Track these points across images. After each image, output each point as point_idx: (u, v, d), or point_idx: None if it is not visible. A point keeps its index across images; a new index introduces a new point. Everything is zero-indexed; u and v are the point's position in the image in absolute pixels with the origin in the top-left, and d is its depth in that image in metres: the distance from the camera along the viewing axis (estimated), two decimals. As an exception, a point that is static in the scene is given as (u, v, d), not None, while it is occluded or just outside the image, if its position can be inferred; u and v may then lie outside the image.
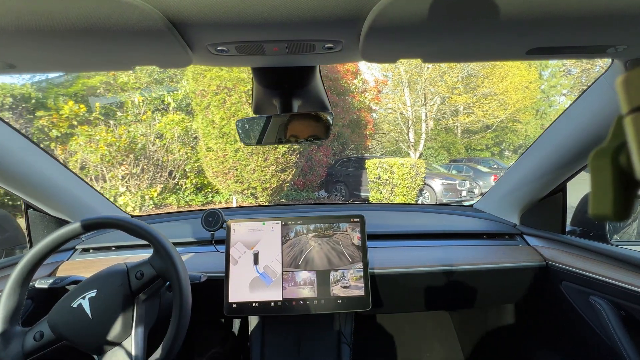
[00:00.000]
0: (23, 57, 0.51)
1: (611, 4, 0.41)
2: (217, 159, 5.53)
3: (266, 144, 0.82)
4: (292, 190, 7.64)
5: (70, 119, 5.94)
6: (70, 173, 1.11)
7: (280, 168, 5.79)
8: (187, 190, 6.70)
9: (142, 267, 0.76)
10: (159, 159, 6.22)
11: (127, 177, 5.77)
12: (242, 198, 6.11)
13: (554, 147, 0.98)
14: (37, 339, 0.72)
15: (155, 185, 6.09)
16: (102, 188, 5.67)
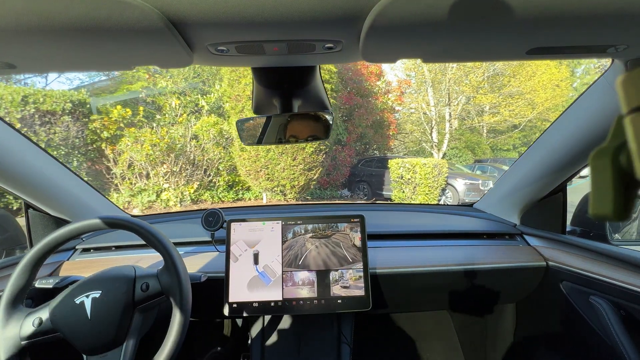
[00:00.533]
0: (23, 57, 0.51)
1: (611, 4, 0.41)
2: (250, 158, 5.98)
3: (266, 143, 0.82)
4: (317, 189, 7.97)
5: (118, 121, 6.58)
6: (71, 173, 1.11)
7: (307, 167, 6.16)
8: (220, 188, 7.19)
9: (149, 280, 0.76)
10: (194, 158, 6.75)
11: (167, 175, 6.33)
12: (271, 195, 6.54)
13: (554, 147, 0.98)
14: (35, 325, 0.72)
15: (192, 183, 6.61)
16: (146, 184, 6.26)
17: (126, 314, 0.73)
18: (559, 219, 1.13)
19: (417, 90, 14.25)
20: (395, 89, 10.88)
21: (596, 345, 0.93)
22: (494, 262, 1.07)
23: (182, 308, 0.72)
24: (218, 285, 0.97)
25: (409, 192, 7.28)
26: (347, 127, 8.78)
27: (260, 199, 6.92)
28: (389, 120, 10.16)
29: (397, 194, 7.58)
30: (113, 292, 0.74)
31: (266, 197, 6.65)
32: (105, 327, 0.72)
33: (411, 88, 13.95)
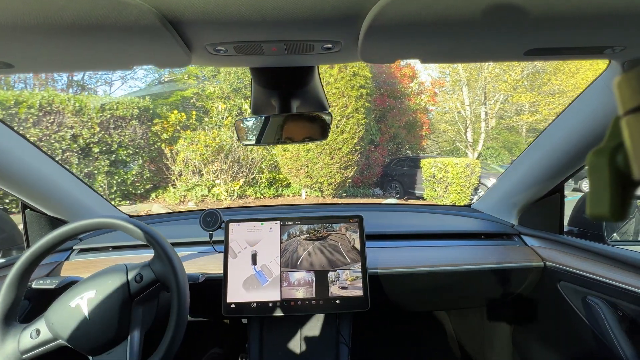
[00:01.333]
0: (21, 56, 0.51)
1: (608, 5, 0.41)
2: (292, 157, 6.57)
3: (265, 144, 0.82)
4: (350, 187, 8.40)
5: (175, 124, 7.42)
6: (68, 173, 1.10)
7: (343, 166, 6.64)
8: (262, 184, 7.85)
9: (142, 270, 0.76)
10: (239, 158, 7.44)
11: (217, 172, 7.07)
12: (310, 191, 7.08)
13: (552, 148, 0.99)
14: (34, 336, 0.71)
15: (238, 179, 7.31)
16: (199, 181, 7.03)
17: (124, 308, 0.73)
18: (557, 219, 1.13)
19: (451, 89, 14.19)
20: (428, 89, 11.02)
21: (593, 345, 0.93)
22: (491, 262, 1.07)
23: (180, 292, 0.72)
24: (216, 286, 0.97)
25: (441, 191, 7.50)
26: (380, 127, 9.11)
27: (299, 195, 7.50)
28: (421, 121, 10.36)
29: (429, 192, 7.83)
30: (107, 289, 0.73)
31: (305, 193, 7.21)
32: (106, 325, 0.71)
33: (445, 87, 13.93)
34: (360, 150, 6.83)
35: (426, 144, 13.52)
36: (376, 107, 8.71)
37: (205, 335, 1.47)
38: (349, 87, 6.44)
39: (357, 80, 6.49)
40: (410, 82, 9.69)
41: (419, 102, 10.12)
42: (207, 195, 6.96)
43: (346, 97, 6.46)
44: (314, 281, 0.98)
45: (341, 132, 6.54)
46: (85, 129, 6.30)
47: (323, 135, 0.80)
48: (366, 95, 6.73)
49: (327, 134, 0.81)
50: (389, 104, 9.02)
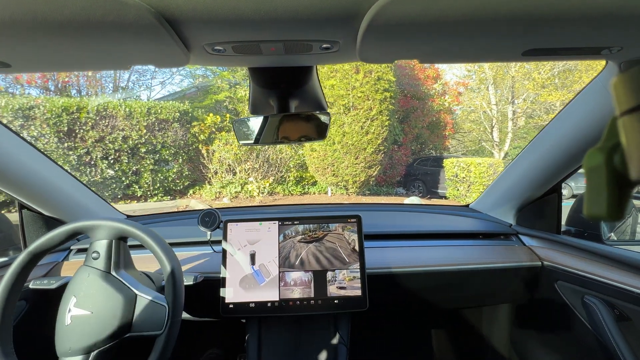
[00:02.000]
0: (18, 56, 0.51)
1: (606, 6, 0.41)
2: (319, 157, 7.00)
3: (263, 144, 0.82)
4: (373, 185, 8.71)
5: (210, 126, 8.04)
6: (66, 173, 1.10)
7: (368, 165, 7.00)
8: (290, 182, 8.32)
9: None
10: (269, 157, 7.95)
11: (249, 171, 7.61)
12: (335, 189, 7.48)
13: (549, 148, 0.99)
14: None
15: (268, 177, 7.82)
16: (232, 179, 7.60)
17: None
18: (554, 219, 1.14)
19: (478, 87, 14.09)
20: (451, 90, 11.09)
21: (590, 344, 0.94)
22: (489, 262, 1.08)
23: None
24: (214, 286, 0.97)
25: (464, 190, 7.67)
26: (404, 128, 9.34)
27: (325, 193, 7.91)
28: (445, 121, 10.48)
29: (452, 192, 8.00)
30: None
31: (331, 191, 7.62)
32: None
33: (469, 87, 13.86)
34: (384, 150, 7.15)
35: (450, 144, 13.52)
36: (399, 109, 8.96)
37: (203, 335, 1.45)
38: (373, 91, 6.79)
39: (381, 84, 6.82)
40: (433, 83, 9.85)
41: (442, 102, 10.25)
42: (240, 191, 7.52)
43: (371, 100, 6.81)
44: (313, 281, 0.98)
45: (365, 134, 6.89)
46: (134, 131, 7.02)
47: (321, 134, 0.81)
48: (390, 98, 7.04)
49: (325, 134, 0.81)
50: (413, 105, 9.25)
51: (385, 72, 6.88)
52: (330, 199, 7.52)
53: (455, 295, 1.18)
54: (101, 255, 0.74)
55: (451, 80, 12.22)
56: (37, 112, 6.22)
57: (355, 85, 6.74)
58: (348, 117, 6.85)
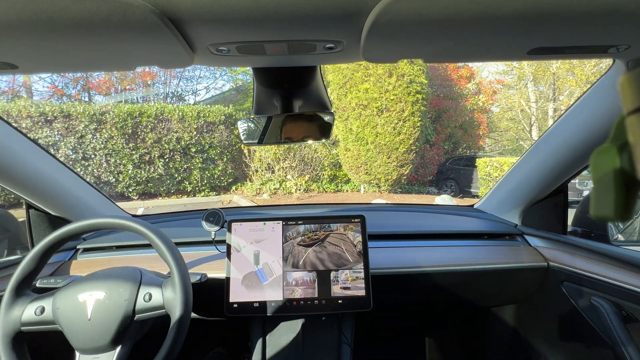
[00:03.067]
0: (25, 57, 0.52)
1: (612, 4, 0.41)
2: (353, 156, 7.42)
3: (267, 144, 0.82)
4: (405, 184, 8.95)
5: (252, 128, 8.68)
6: (72, 173, 1.11)
7: (400, 164, 7.31)
8: (324, 180, 8.79)
9: (153, 290, 0.76)
10: (304, 156, 8.45)
11: (287, 169, 8.17)
12: (368, 187, 7.86)
13: (555, 148, 0.98)
14: (37, 313, 0.72)
15: (304, 175, 8.33)
16: (271, 176, 8.20)
17: (124, 321, 0.73)
18: (560, 219, 1.13)
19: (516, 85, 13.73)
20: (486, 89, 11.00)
21: (597, 346, 0.93)
22: (494, 263, 1.08)
23: (178, 327, 0.71)
24: (218, 285, 0.98)
25: (496, 189, 7.72)
26: (436, 128, 9.48)
27: (358, 191, 8.30)
28: (478, 120, 10.44)
29: (485, 191, 8.05)
30: (116, 296, 0.74)
31: (363, 189, 8.01)
32: (103, 331, 0.72)
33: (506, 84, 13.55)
34: (415, 150, 7.42)
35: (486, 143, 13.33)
36: (432, 109, 9.12)
37: (207, 335, 1.46)
38: (405, 94, 7.08)
39: (413, 86, 7.10)
40: (467, 83, 9.88)
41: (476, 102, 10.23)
42: (278, 188, 8.11)
43: (403, 102, 7.10)
44: (316, 281, 0.98)
45: (398, 134, 7.20)
46: (186, 133, 7.83)
47: (324, 134, 0.81)
48: (422, 100, 7.29)
49: (328, 134, 0.81)
50: (445, 105, 9.36)
51: (417, 75, 7.14)
52: (363, 196, 7.89)
53: (460, 296, 1.18)
54: (146, 305, 0.76)
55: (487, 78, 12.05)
56: (108, 117, 7.19)
57: (388, 88, 7.07)
58: (381, 119, 7.19)
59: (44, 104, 7.07)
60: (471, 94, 10.31)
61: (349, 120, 7.31)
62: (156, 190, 7.85)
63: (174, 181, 7.95)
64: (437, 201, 2.71)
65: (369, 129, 7.23)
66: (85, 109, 7.11)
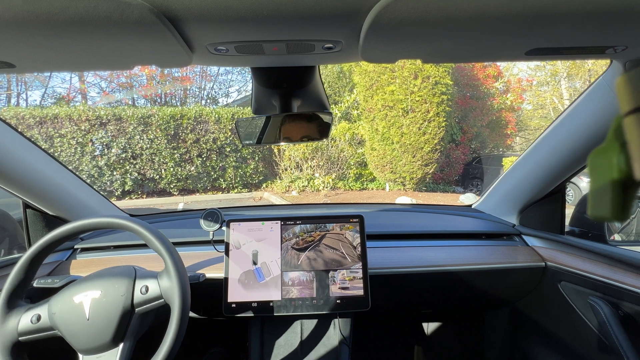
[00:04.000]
0: (22, 56, 0.52)
1: (610, 5, 0.41)
2: (378, 155, 7.72)
3: (266, 143, 0.83)
4: (430, 183, 9.08)
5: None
6: (69, 173, 1.11)
7: (424, 163, 7.51)
8: (350, 179, 9.10)
9: (149, 282, 0.76)
10: (331, 156, 8.80)
11: (314, 167, 8.55)
12: (393, 185, 8.11)
13: (553, 148, 0.99)
14: (34, 321, 0.72)
15: (330, 174, 8.69)
16: (300, 174, 8.61)
17: (124, 316, 0.73)
18: (558, 219, 1.14)
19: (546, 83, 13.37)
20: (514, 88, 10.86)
21: (595, 346, 0.94)
22: (492, 263, 1.08)
23: (180, 315, 0.71)
24: (217, 285, 0.98)
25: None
26: (462, 127, 9.52)
27: (383, 189, 8.56)
28: (506, 119, 10.35)
29: (511, 190, 8.05)
30: (112, 293, 0.74)
31: (388, 187, 8.27)
32: (103, 328, 0.72)
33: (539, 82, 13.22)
34: (440, 149, 7.59)
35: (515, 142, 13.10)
36: (457, 108, 9.19)
37: (206, 335, 1.47)
38: (430, 95, 7.28)
39: (438, 88, 7.28)
40: (494, 82, 9.84)
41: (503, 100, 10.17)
42: (307, 185, 8.52)
43: (428, 103, 7.30)
44: (315, 281, 0.99)
45: (423, 134, 7.40)
46: (222, 134, 8.42)
47: (323, 134, 0.82)
48: (447, 100, 7.45)
49: (327, 134, 0.82)
50: (471, 104, 9.40)
51: (442, 76, 7.30)
52: (388, 194, 8.14)
53: (458, 296, 1.19)
54: (144, 297, 0.76)
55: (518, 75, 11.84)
56: (153, 120, 7.89)
57: (414, 90, 7.29)
58: (406, 120, 7.41)
59: (99, 108, 7.89)
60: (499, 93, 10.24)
61: (375, 120, 7.61)
62: (194, 186, 8.50)
63: (210, 178, 8.57)
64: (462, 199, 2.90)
65: (395, 129, 7.47)
66: (134, 112, 7.86)
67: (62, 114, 7.39)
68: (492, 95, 9.97)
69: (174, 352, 0.71)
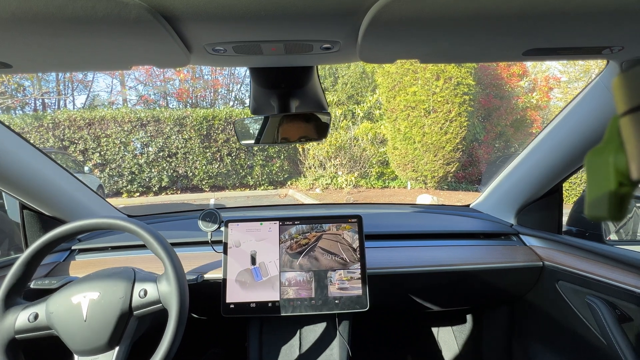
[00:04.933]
0: (19, 56, 0.52)
1: (606, 5, 0.41)
2: (400, 154, 7.93)
3: (264, 144, 0.83)
4: (453, 182, 9.16)
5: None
6: (67, 173, 1.10)
7: (446, 162, 7.66)
8: (372, 177, 9.33)
9: (148, 286, 0.76)
10: (353, 155, 9.06)
11: (337, 166, 8.86)
12: (414, 184, 8.30)
13: (550, 148, 0.99)
14: (31, 320, 0.72)
15: (353, 172, 8.95)
16: (323, 173, 8.94)
17: (122, 319, 0.73)
18: (555, 219, 1.14)
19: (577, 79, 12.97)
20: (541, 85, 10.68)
21: (592, 345, 0.94)
22: (490, 262, 1.09)
23: (177, 320, 0.71)
24: (215, 286, 0.99)
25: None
26: (485, 126, 9.52)
27: (405, 187, 8.76)
28: (531, 118, 10.22)
29: (535, 189, 8.03)
30: (110, 295, 0.73)
31: (410, 185, 8.47)
32: (100, 330, 0.71)
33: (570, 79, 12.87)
34: (462, 149, 7.70)
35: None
36: (481, 107, 9.20)
37: (205, 335, 1.47)
38: (452, 95, 7.40)
39: (460, 88, 7.39)
40: (518, 80, 9.76)
41: (528, 99, 10.05)
42: (330, 183, 8.85)
43: (450, 103, 7.42)
44: (313, 281, 0.99)
45: (444, 134, 7.54)
46: (250, 134, 8.88)
47: (321, 135, 0.82)
48: (469, 100, 7.54)
49: (325, 134, 0.82)
50: (494, 103, 9.39)
51: (464, 76, 7.40)
52: (410, 192, 8.32)
53: (456, 295, 1.20)
54: (142, 301, 0.76)
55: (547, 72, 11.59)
56: (187, 121, 8.48)
57: (436, 90, 7.43)
58: (428, 120, 7.56)
59: (139, 110, 8.56)
60: (524, 91, 10.13)
61: (397, 120, 7.83)
62: (224, 183, 9.03)
63: (238, 176, 9.07)
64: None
65: (417, 129, 7.64)
66: (171, 114, 8.47)
67: (107, 116, 8.11)
68: (517, 94, 9.89)
69: (170, 356, 0.70)
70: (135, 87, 12.50)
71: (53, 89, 11.47)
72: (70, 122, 7.91)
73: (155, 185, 8.45)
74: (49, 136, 7.77)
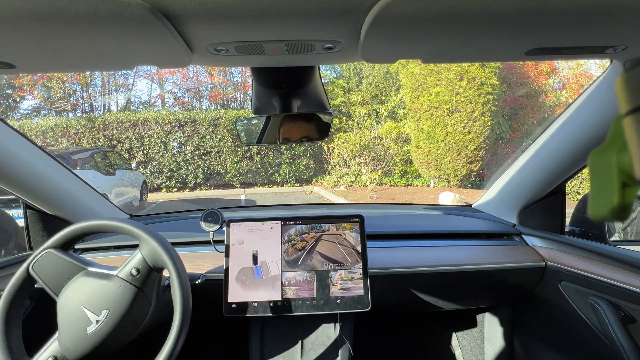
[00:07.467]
0: (22, 56, 0.52)
1: (610, 4, 0.41)
2: (424, 153, 8.14)
3: (266, 143, 0.84)
4: (477, 181, 9.21)
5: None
6: (70, 173, 1.11)
7: (469, 161, 7.79)
8: (395, 175, 9.55)
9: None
10: (377, 153, 9.31)
11: (361, 164, 9.15)
12: (437, 182, 8.47)
13: (553, 147, 0.99)
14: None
15: (377, 170, 9.21)
16: (347, 171, 9.25)
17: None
18: (558, 219, 1.14)
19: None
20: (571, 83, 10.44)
21: (595, 346, 0.94)
22: (492, 262, 1.08)
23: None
24: (217, 286, 0.99)
25: (574, 186, 7.66)
26: (511, 125, 9.47)
27: (428, 185, 8.93)
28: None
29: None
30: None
31: (433, 183, 8.65)
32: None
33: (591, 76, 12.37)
34: (486, 148, 7.79)
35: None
36: (507, 106, 9.18)
37: (206, 335, 1.47)
38: (476, 95, 7.50)
39: (484, 88, 7.48)
40: (547, 79, 9.63)
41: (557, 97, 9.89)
42: (354, 181, 9.17)
43: (473, 103, 7.53)
44: (315, 281, 0.99)
45: (468, 133, 7.66)
46: (278, 133, 9.36)
47: (322, 134, 0.83)
48: (493, 100, 7.61)
49: (327, 134, 0.83)
50: (521, 102, 9.33)
51: (488, 77, 7.48)
52: (433, 190, 8.49)
53: (458, 296, 1.20)
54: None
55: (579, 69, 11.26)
56: (221, 122, 9.07)
57: (459, 91, 7.55)
58: (451, 119, 7.69)
59: (177, 112, 9.26)
60: (552, 89, 9.96)
61: (420, 120, 8.03)
62: (253, 180, 9.57)
63: (267, 173, 9.58)
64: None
65: (440, 128, 7.80)
66: (206, 115, 9.11)
67: (150, 118, 8.85)
68: (545, 92, 9.76)
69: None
70: (172, 90, 13.36)
71: (100, 93, 12.50)
72: (118, 123, 8.71)
73: (191, 182, 9.12)
74: (99, 136, 8.61)
